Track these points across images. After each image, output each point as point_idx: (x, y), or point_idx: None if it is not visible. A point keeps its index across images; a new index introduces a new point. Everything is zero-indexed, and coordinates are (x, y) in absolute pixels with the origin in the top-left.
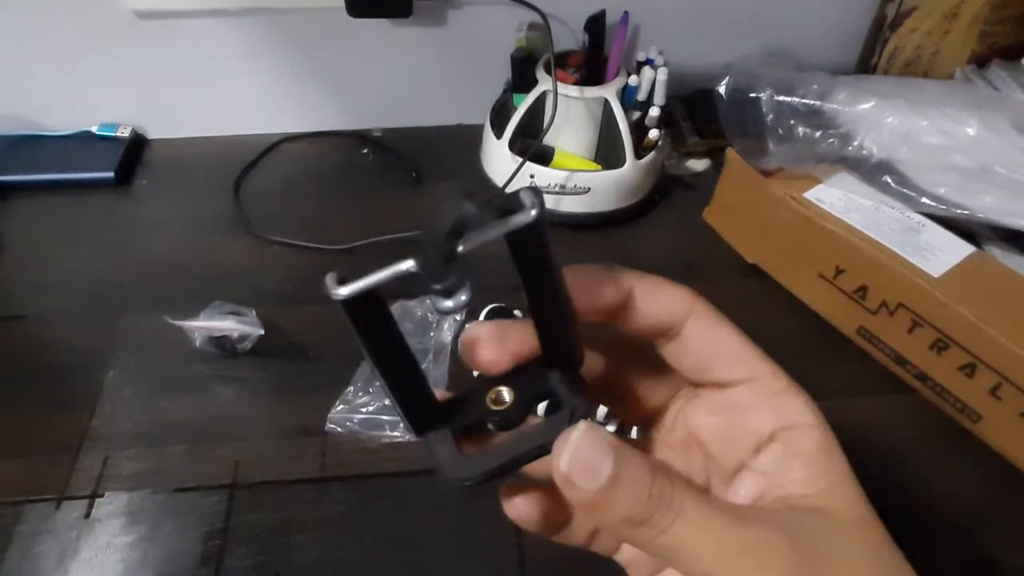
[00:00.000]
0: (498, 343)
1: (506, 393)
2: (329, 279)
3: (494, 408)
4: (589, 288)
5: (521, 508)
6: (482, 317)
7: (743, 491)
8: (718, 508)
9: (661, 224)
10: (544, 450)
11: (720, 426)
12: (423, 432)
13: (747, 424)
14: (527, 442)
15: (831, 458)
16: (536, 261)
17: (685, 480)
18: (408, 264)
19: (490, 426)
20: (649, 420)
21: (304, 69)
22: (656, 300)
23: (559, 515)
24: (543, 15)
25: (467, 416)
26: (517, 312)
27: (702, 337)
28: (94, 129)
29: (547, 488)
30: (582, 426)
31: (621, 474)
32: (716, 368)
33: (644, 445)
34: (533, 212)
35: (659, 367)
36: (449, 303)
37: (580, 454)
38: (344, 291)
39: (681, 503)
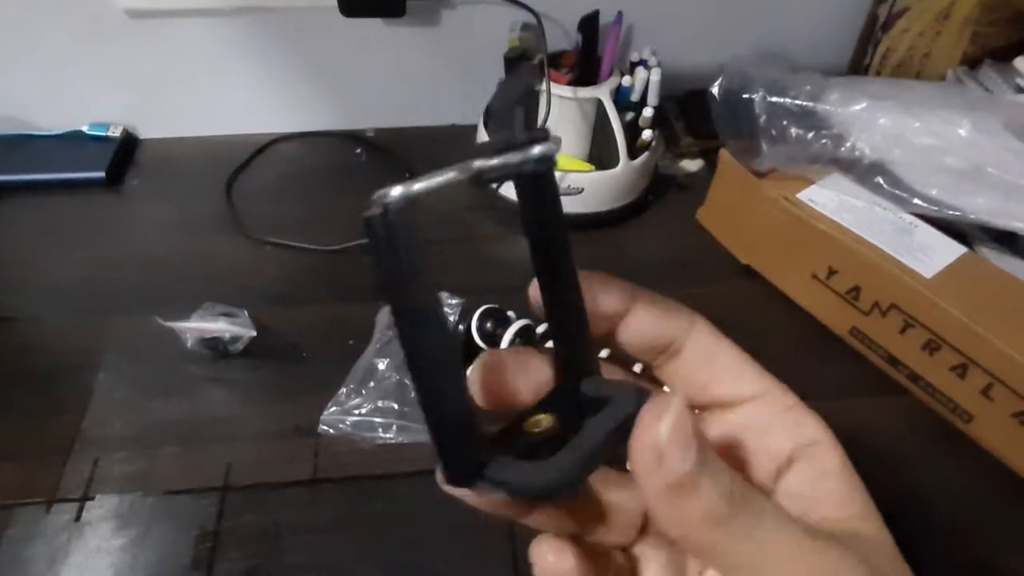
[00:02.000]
0: (521, 372)
1: (544, 419)
2: (379, 192)
3: (538, 431)
4: (592, 292)
5: (554, 565)
6: (475, 319)
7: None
8: (794, 520)
9: (655, 225)
10: (630, 422)
11: (733, 448)
12: (467, 480)
13: (763, 444)
14: (602, 425)
15: (854, 479)
16: (551, 211)
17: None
18: (479, 163)
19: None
20: None
21: (297, 69)
22: (658, 313)
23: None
24: (536, 15)
25: (518, 443)
26: (511, 313)
27: (704, 353)
28: (85, 128)
29: (578, 544)
30: (680, 396)
31: (706, 460)
32: (720, 385)
33: None
34: (552, 145)
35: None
36: (539, 148)
37: (680, 424)
38: (396, 192)
39: (761, 507)
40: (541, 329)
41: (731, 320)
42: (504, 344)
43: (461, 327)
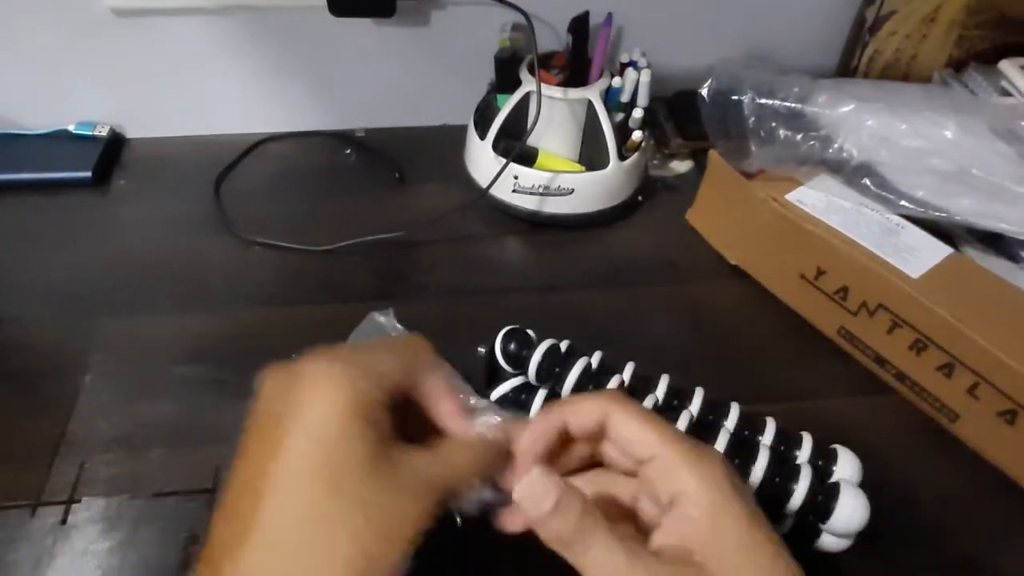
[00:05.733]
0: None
1: None
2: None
3: None
4: (558, 435)
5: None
6: (499, 340)
7: (655, 542)
8: (623, 547)
9: (644, 225)
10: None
11: (646, 493)
12: None
13: (656, 492)
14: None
15: (714, 522)
16: None
17: (608, 523)
18: None
19: None
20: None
21: (286, 68)
22: (581, 415)
23: None
24: (527, 16)
25: None
26: (530, 332)
27: (619, 429)
28: (71, 128)
29: None
30: (535, 471)
31: (559, 507)
32: (632, 450)
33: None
34: None
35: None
36: None
37: (529, 490)
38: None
39: (595, 537)
40: (564, 345)
41: (720, 320)
42: (533, 367)
43: (482, 350)
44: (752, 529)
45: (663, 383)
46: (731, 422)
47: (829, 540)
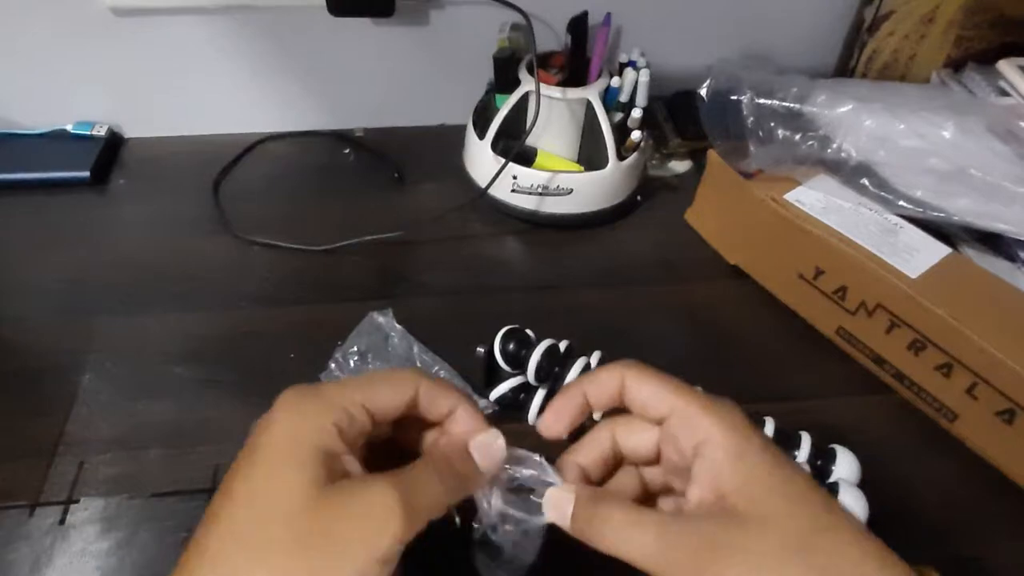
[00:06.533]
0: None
1: None
2: None
3: None
4: (579, 409)
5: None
6: (498, 341)
7: (692, 497)
8: (640, 514)
9: (643, 225)
10: None
11: (669, 450)
12: None
13: (680, 445)
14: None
15: (739, 463)
16: None
17: (618, 498)
18: None
19: None
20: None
21: (285, 68)
22: (599, 385)
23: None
24: (526, 16)
25: None
26: (530, 331)
27: (635, 392)
28: (69, 127)
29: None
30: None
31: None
32: (649, 410)
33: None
34: None
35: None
36: None
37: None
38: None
39: (609, 510)
40: (563, 345)
41: (718, 319)
42: (532, 367)
43: (481, 350)
44: (778, 466)
45: None
46: None
47: None
